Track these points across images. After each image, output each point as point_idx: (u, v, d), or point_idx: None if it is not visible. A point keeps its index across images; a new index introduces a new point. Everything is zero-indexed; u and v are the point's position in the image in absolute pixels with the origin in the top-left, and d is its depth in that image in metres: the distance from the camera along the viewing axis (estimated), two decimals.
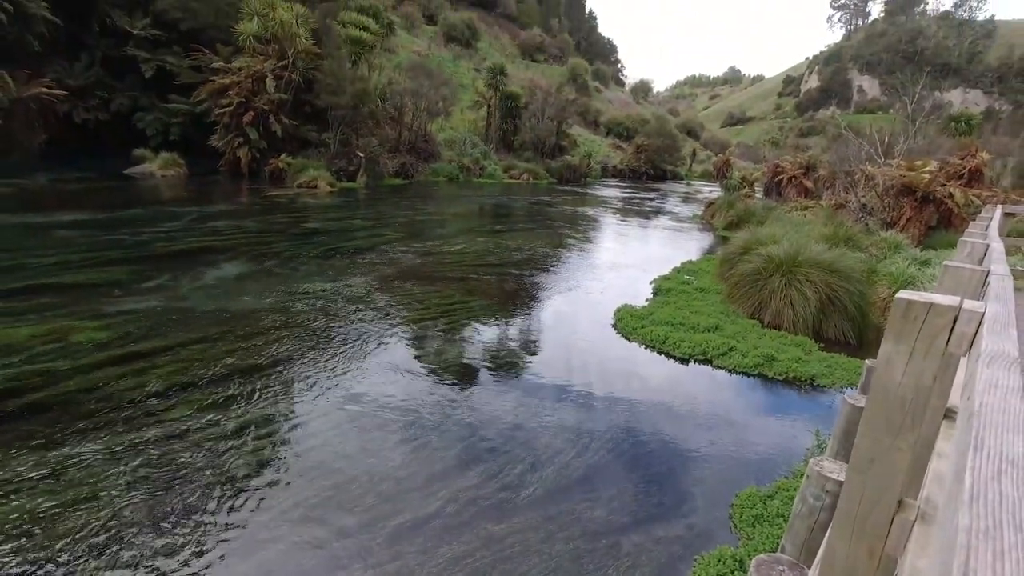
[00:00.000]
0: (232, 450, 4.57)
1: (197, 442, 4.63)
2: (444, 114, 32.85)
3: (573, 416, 5.67)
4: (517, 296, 9.95)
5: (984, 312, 1.34)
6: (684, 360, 7.38)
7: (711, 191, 36.54)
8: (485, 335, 7.85)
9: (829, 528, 1.79)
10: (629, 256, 14.60)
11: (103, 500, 3.87)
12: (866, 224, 15.22)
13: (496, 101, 38.76)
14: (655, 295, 10.37)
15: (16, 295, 7.68)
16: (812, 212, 18.68)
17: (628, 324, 8.36)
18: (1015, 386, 1.01)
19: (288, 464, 4.47)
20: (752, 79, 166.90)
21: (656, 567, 3.69)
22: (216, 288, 8.83)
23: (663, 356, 7.49)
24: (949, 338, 1.33)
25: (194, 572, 3.36)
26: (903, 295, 1.37)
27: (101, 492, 3.94)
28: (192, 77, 24.38)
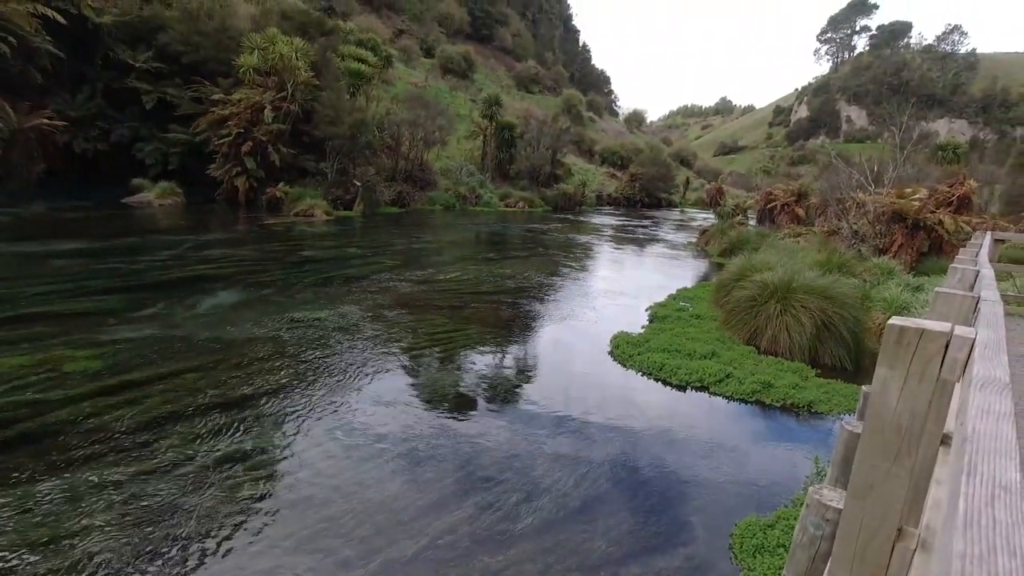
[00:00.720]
0: (223, 482, 4.49)
1: (188, 473, 4.55)
2: (440, 143, 33.30)
3: (570, 444, 5.61)
4: (513, 324, 9.94)
5: (975, 338, 1.35)
6: (681, 387, 7.35)
7: (705, 218, 36.90)
8: (481, 363, 7.81)
9: (830, 558, 1.77)
10: (625, 283, 14.65)
11: (90, 533, 3.78)
12: (858, 250, 15.37)
13: (492, 131, 39.37)
14: (651, 322, 10.38)
15: (9, 324, 7.63)
16: (805, 239, 18.86)
17: (624, 351, 8.35)
18: (1007, 412, 1.02)
19: (281, 495, 4.39)
20: (743, 109, 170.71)
21: None
22: (211, 316, 8.79)
23: (660, 383, 7.47)
24: (942, 364, 1.34)
25: None
26: (895, 321, 1.39)
27: (89, 525, 3.85)
28: (192, 108, 24.74)
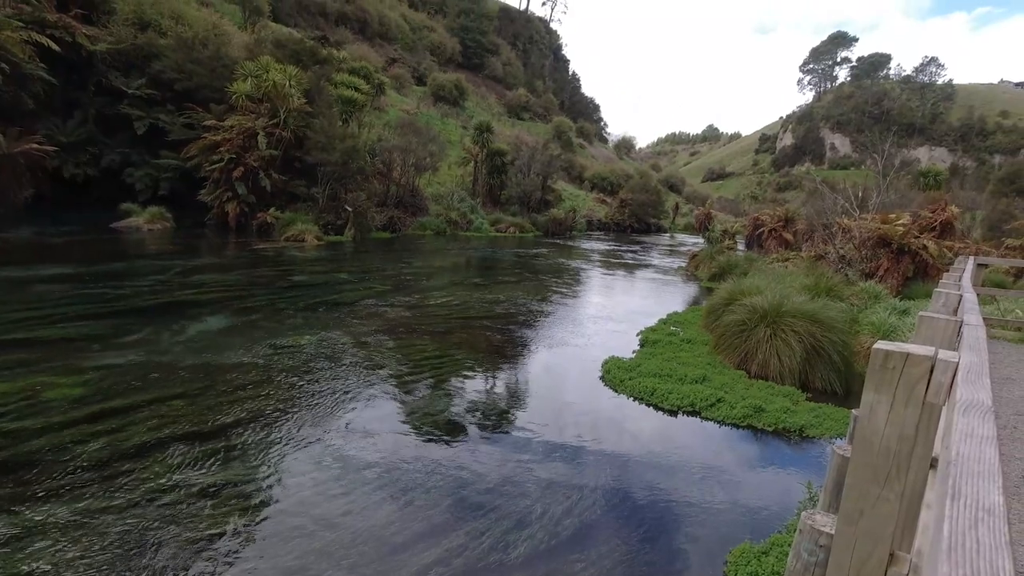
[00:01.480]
0: (208, 512, 4.38)
1: (171, 503, 4.44)
2: (432, 169, 33.57)
3: (562, 471, 5.55)
4: (504, 349, 9.91)
5: (959, 361, 1.37)
6: (673, 412, 7.33)
7: (694, 243, 37.27)
8: (471, 389, 7.76)
9: None
10: (615, 307, 14.69)
11: (66, 568, 3.66)
12: (846, 275, 15.55)
13: (483, 157, 39.77)
14: (642, 346, 10.39)
15: None
16: (793, 263, 19.08)
17: (616, 376, 8.33)
18: (990, 435, 1.03)
19: (267, 525, 4.29)
20: (730, 136, 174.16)
21: None
22: (198, 342, 8.69)
23: (651, 408, 7.44)
24: (927, 387, 1.35)
25: None
26: (880, 346, 1.41)
27: (62, 560, 3.73)
28: (184, 134, 24.80)
